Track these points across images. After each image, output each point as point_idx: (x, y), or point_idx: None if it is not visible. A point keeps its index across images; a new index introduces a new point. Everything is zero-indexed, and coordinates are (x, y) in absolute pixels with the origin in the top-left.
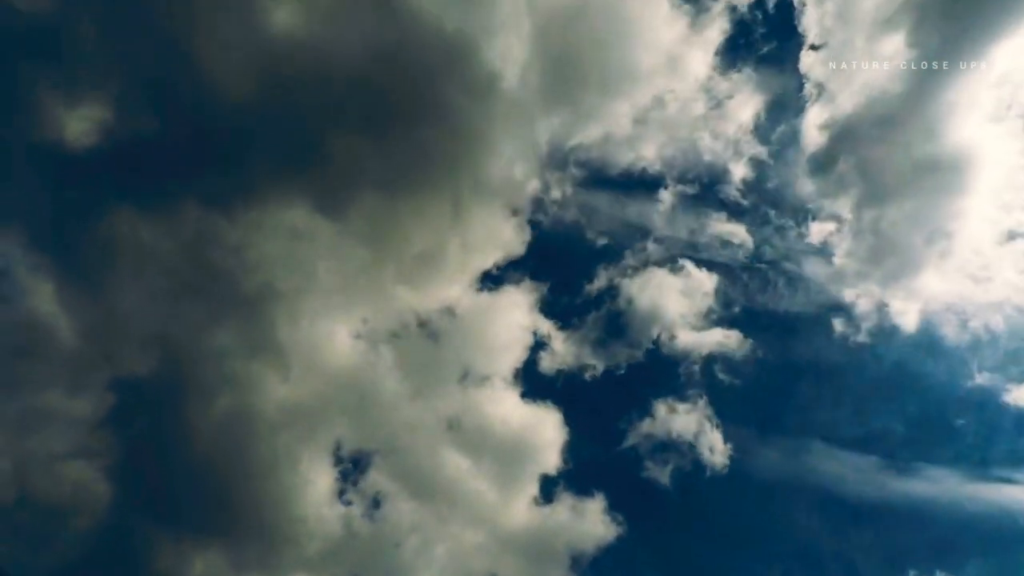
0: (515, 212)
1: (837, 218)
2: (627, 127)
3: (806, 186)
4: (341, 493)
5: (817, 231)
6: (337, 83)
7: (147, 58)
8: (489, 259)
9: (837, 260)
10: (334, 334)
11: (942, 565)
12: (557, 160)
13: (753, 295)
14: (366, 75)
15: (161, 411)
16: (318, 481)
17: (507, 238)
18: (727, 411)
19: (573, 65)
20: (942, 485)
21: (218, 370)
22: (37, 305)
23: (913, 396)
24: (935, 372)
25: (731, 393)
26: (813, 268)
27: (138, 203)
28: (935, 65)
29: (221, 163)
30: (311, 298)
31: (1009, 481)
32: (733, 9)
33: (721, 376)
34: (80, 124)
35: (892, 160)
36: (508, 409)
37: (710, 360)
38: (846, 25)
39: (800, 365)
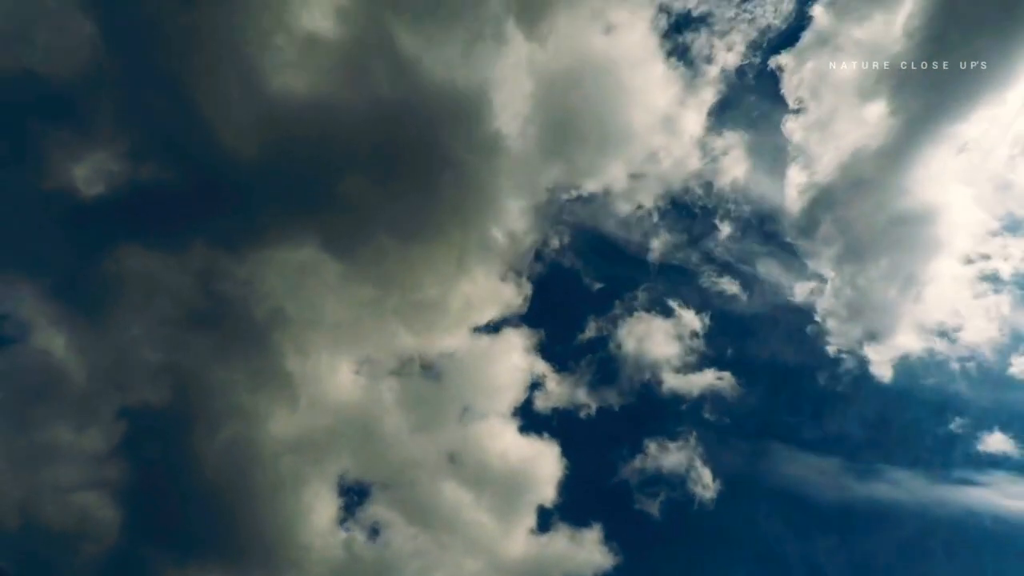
0: (514, 267)
1: (819, 276)
2: (623, 181)
3: (789, 245)
4: (344, 521)
5: (801, 290)
6: (345, 134)
7: (160, 114)
8: (488, 314)
9: (818, 315)
10: (338, 369)
11: None
12: (555, 212)
13: (740, 342)
14: (374, 127)
15: (169, 441)
16: (322, 509)
17: (507, 295)
18: (716, 448)
19: (572, 123)
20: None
21: (225, 402)
22: (48, 344)
23: (889, 435)
24: (912, 420)
25: (720, 432)
26: (797, 322)
27: (147, 243)
28: (911, 131)
29: (231, 208)
30: (316, 333)
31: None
32: (724, 74)
33: (709, 416)
34: (94, 174)
35: (869, 219)
36: (506, 444)
37: (699, 401)
38: (828, 92)
39: (785, 407)
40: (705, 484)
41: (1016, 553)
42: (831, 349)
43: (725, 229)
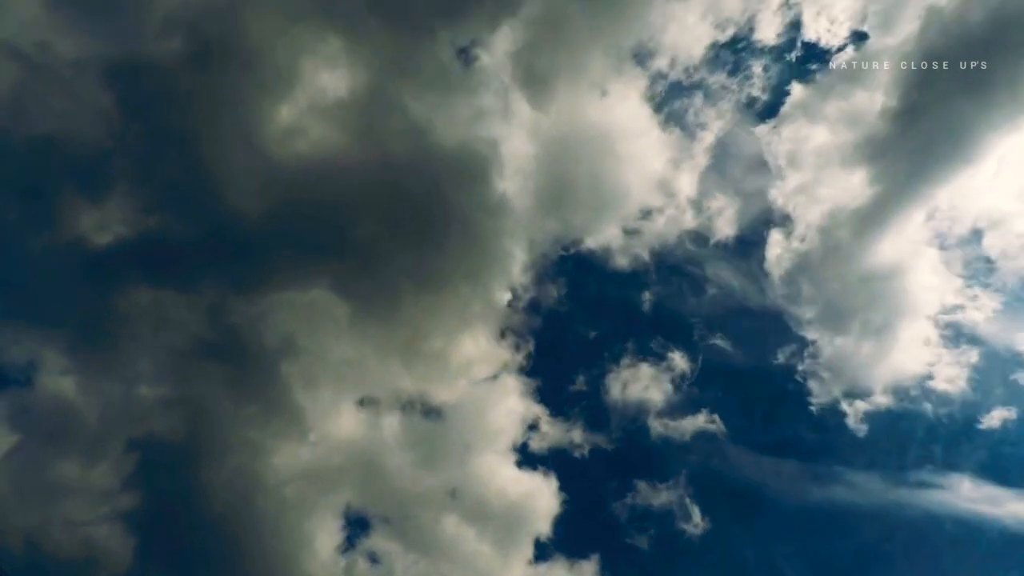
0: (513, 317)
1: (800, 339)
2: (619, 237)
3: (773, 307)
4: (346, 551)
5: (783, 352)
6: (357, 189)
7: (172, 172)
8: (488, 361)
9: (799, 374)
10: (342, 405)
11: None
12: (554, 266)
13: (725, 393)
14: (385, 183)
15: (177, 475)
16: (325, 540)
17: (507, 343)
18: (705, 488)
19: (571, 184)
20: None
21: (232, 435)
22: (59, 384)
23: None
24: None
25: (708, 472)
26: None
27: (157, 284)
28: (888, 197)
29: (243, 255)
30: (323, 370)
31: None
32: (714, 139)
33: (698, 458)
34: (106, 227)
35: (845, 282)
36: (505, 480)
37: (688, 444)
38: (809, 159)
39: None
40: (694, 520)
41: (977, 555)
42: (813, 408)
43: (713, 288)
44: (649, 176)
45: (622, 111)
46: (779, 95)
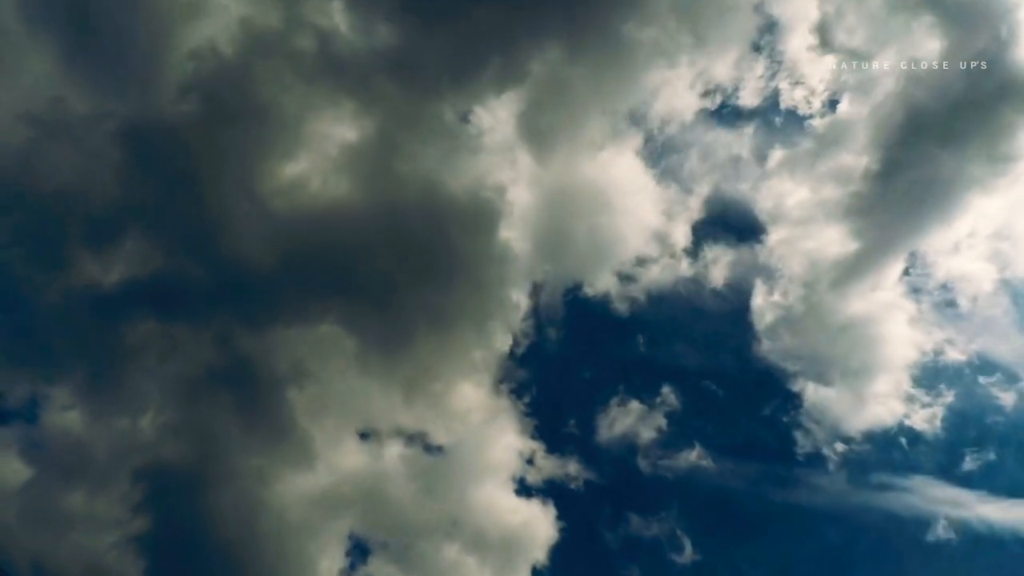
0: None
1: (786, 392)
2: (615, 284)
3: (758, 352)
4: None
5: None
6: (365, 233)
7: (182, 220)
8: (487, 406)
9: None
10: (348, 437)
11: None
12: (553, 310)
13: (716, 431)
14: (392, 228)
15: (184, 501)
16: (328, 565)
17: (504, 395)
18: (695, 521)
19: (569, 233)
20: None
21: (237, 463)
22: (66, 418)
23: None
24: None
25: (698, 506)
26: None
27: (165, 320)
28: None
29: (251, 294)
30: (329, 401)
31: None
32: (707, 194)
33: (689, 493)
34: (115, 270)
35: (828, 335)
36: (503, 511)
37: (679, 479)
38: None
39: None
40: (686, 554)
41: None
42: (799, 454)
43: (703, 334)
44: (644, 227)
45: (618, 166)
46: (763, 155)
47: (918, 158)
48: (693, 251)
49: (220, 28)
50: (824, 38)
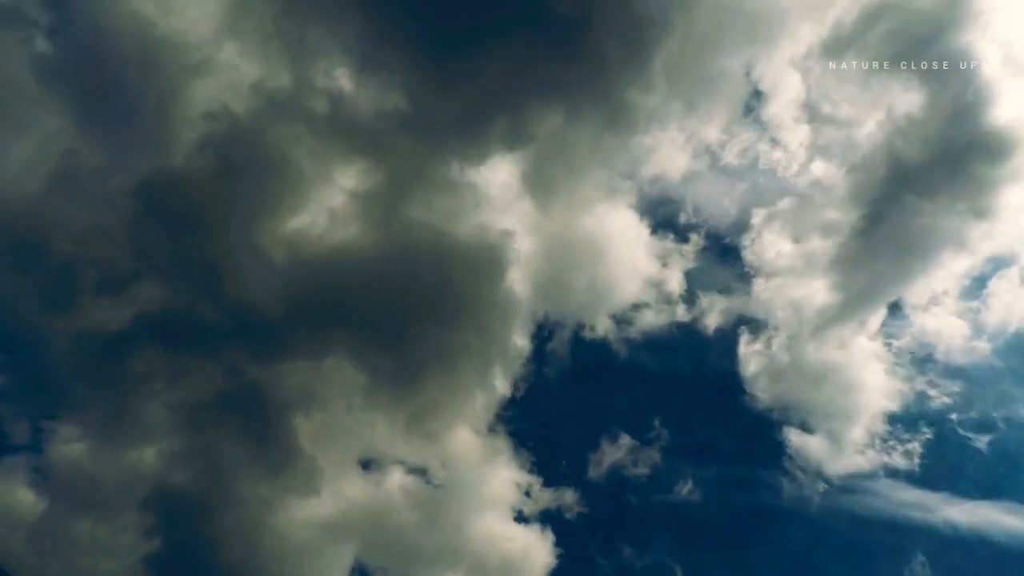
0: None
1: (772, 440)
2: (611, 328)
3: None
4: None
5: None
6: (373, 274)
7: (193, 264)
8: (488, 440)
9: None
10: (352, 467)
11: None
12: (551, 351)
13: (706, 470)
14: (400, 270)
15: (191, 528)
16: None
17: (503, 433)
18: (685, 552)
19: (568, 278)
20: None
21: (246, 491)
22: (74, 449)
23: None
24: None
25: (689, 536)
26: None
27: (173, 354)
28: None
29: (259, 331)
30: (334, 430)
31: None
32: (697, 246)
33: (678, 523)
34: (123, 311)
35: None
36: (502, 539)
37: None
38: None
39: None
40: None
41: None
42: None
43: (693, 376)
44: (639, 275)
45: (615, 218)
46: (747, 213)
47: (899, 212)
48: (685, 298)
49: (228, 86)
50: (806, 102)
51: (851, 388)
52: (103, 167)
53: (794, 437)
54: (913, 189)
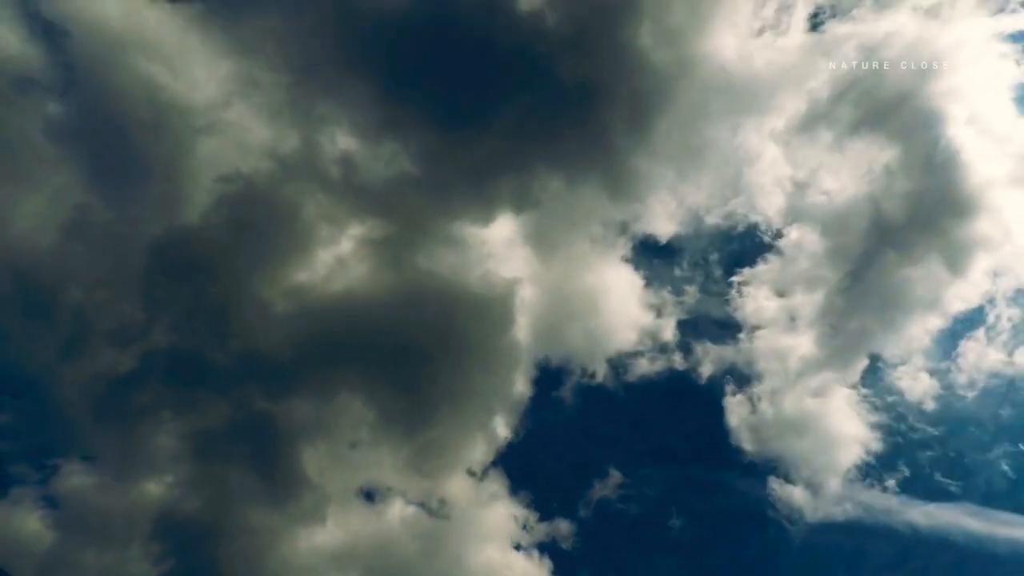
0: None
1: (760, 487)
2: (608, 374)
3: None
4: None
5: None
6: (380, 317)
7: (206, 309)
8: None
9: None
10: (357, 498)
11: None
12: (549, 395)
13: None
14: (407, 315)
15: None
16: None
17: (502, 475)
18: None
19: (567, 325)
20: None
21: (254, 521)
22: (83, 481)
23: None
24: None
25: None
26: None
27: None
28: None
29: (268, 371)
30: (340, 462)
31: None
32: (688, 299)
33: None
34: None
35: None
36: (502, 569)
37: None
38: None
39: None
40: None
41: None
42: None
43: (683, 421)
44: (633, 324)
45: (611, 270)
46: (731, 270)
47: (876, 269)
48: (676, 347)
49: (237, 147)
50: (786, 165)
51: (832, 440)
52: (114, 221)
53: (776, 489)
54: (895, 243)
